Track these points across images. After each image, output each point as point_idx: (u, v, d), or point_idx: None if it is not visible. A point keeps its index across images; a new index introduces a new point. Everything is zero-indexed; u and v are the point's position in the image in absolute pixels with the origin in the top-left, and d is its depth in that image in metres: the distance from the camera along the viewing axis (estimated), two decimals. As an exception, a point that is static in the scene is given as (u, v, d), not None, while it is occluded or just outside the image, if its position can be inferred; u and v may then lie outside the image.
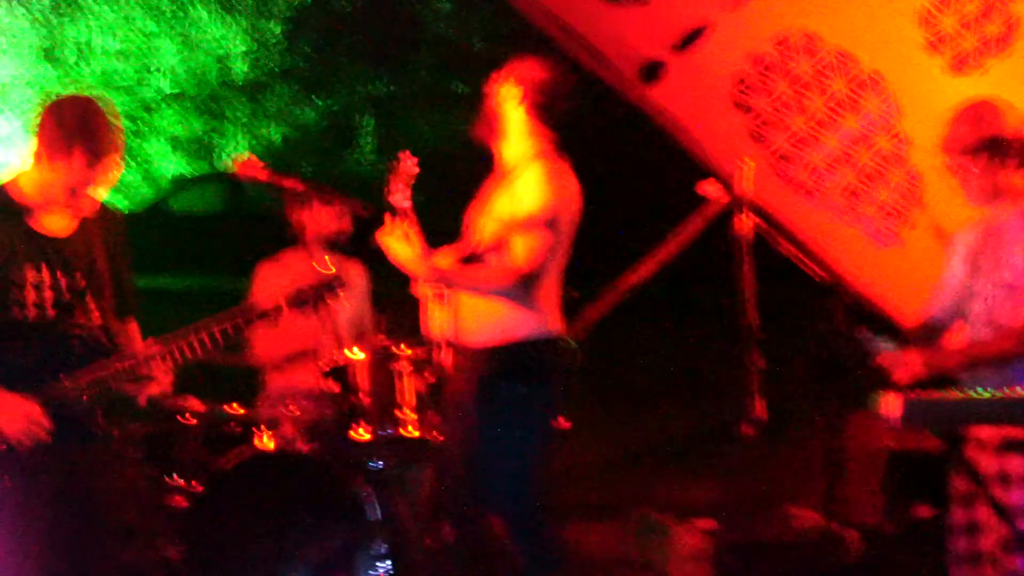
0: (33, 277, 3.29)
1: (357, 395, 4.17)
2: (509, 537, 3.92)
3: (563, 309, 3.95)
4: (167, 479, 4.24)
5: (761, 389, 4.02)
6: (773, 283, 4.22)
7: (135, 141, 10.35)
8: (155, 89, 10.12)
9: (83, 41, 9.56)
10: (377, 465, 4.29)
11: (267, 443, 4.29)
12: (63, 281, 3.32)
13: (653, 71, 4.69)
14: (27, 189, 3.35)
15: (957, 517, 3.48)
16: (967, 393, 3.19)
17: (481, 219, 3.95)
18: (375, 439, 4.17)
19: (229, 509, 4.18)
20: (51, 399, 3.24)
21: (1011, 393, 3.14)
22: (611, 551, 5.37)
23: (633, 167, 9.87)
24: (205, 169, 10.78)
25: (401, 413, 4.19)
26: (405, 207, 3.80)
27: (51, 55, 9.34)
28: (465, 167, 4.10)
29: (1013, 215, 3.48)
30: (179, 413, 4.31)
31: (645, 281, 4.63)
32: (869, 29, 4.55)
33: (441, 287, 3.91)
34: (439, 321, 3.97)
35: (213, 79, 10.24)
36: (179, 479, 4.23)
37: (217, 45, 10.02)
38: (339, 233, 4.82)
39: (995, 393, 3.15)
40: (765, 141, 4.71)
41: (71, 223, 3.39)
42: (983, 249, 3.53)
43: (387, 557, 4.17)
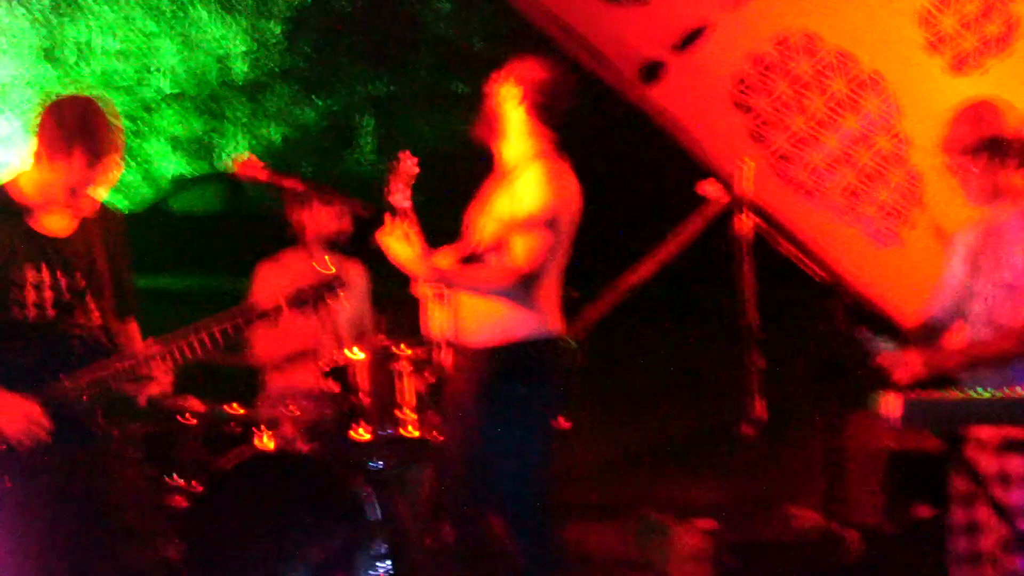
0: (33, 277, 3.29)
1: (357, 395, 4.17)
2: (509, 537, 3.92)
3: (563, 309, 3.95)
4: (167, 479, 4.23)
5: (761, 389, 4.02)
6: (773, 283, 4.22)
7: (135, 141, 10.36)
8: (155, 89, 10.12)
9: (83, 41, 9.57)
10: (377, 465, 4.29)
11: (267, 443, 4.28)
12: (63, 281, 3.32)
13: (653, 71, 4.69)
14: (27, 189, 3.36)
15: (957, 517, 3.47)
16: (967, 393, 3.19)
17: (481, 219, 3.95)
18: (375, 439, 4.17)
19: (229, 509, 4.18)
20: (51, 399, 3.24)
21: (1011, 393, 3.14)
22: (611, 551, 5.37)
23: (633, 167, 9.87)
24: (205, 169, 10.78)
25: (401, 413, 4.19)
26: (405, 207, 3.80)
27: (51, 55, 9.34)
28: (465, 167, 4.10)
29: (1013, 215, 3.48)
30: (179, 413, 4.30)
31: (645, 281, 4.63)
32: (869, 29, 4.55)
33: (441, 287, 3.91)
34: (439, 321, 3.97)
35: (213, 79, 10.25)
36: (179, 479, 4.23)
37: (217, 45, 10.02)
38: (339, 233, 4.82)
39: (995, 393, 3.15)
40: (765, 141, 4.71)
41: (71, 223, 3.39)
42: (983, 249, 3.53)
43: (387, 557, 4.17)
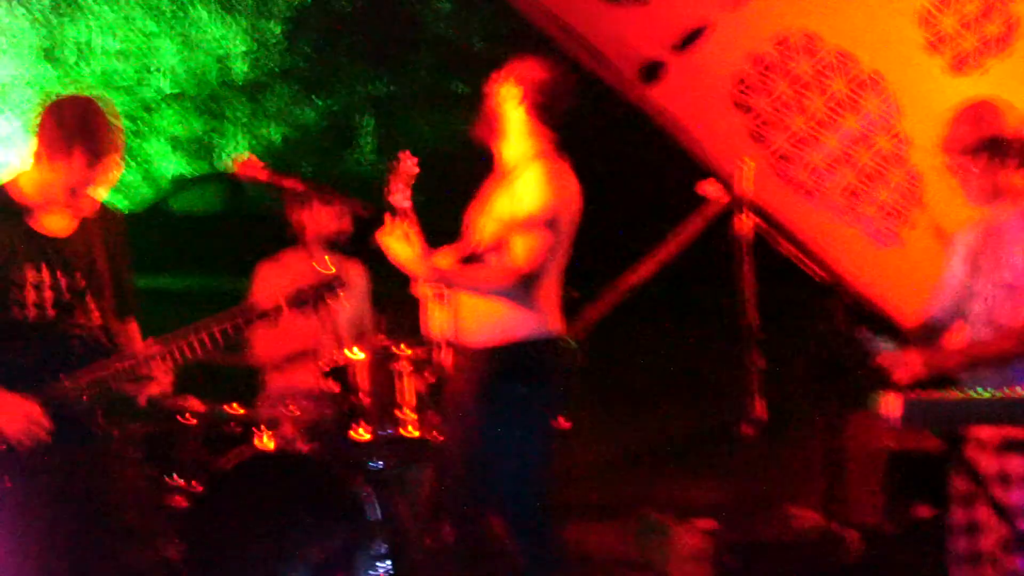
0: (33, 277, 3.29)
1: (357, 395, 4.16)
2: (509, 537, 3.92)
3: (563, 309, 3.95)
4: (167, 479, 4.23)
5: (761, 389, 4.02)
6: (773, 283, 4.22)
7: (135, 141, 10.35)
8: (155, 89, 10.12)
9: (83, 41, 9.57)
10: (377, 465, 4.29)
11: (267, 443, 4.28)
12: (63, 281, 3.32)
13: (653, 71, 4.69)
14: (27, 189, 3.35)
15: (957, 517, 3.47)
16: (967, 393, 3.19)
17: (481, 219, 3.95)
18: (375, 439, 4.17)
19: (229, 509, 4.17)
20: (51, 399, 3.23)
21: (1011, 393, 3.14)
22: (611, 551, 5.37)
23: (633, 167, 9.87)
24: (205, 169, 10.78)
25: (401, 413, 4.19)
26: (405, 207, 3.80)
27: (51, 55, 9.34)
28: (465, 167, 4.10)
29: (1013, 215, 3.48)
30: (179, 413, 4.30)
31: (645, 281, 4.63)
32: (869, 29, 4.55)
33: (441, 287, 3.91)
34: (439, 321, 3.97)
35: (213, 79, 10.25)
36: (179, 479, 4.23)
37: (217, 45, 10.02)
38: (339, 233, 4.82)
39: (995, 393, 3.15)
40: (765, 141, 4.71)
41: (71, 223, 3.39)
42: (983, 249, 3.53)
43: (387, 557, 4.17)
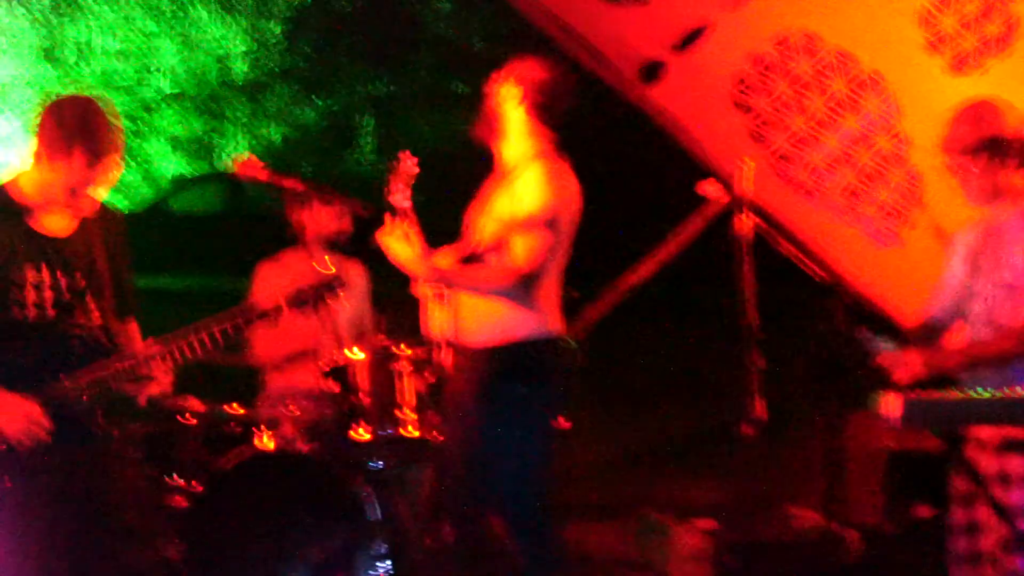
0: (33, 277, 3.28)
1: (357, 395, 4.16)
2: (509, 537, 3.92)
3: (563, 309, 3.95)
4: (167, 479, 4.23)
5: (761, 389, 4.01)
6: (773, 283, 4.22)
7: (135, 141, 10.34)
8: (155, 89, 10.11)
9: (83, 41, 9.56)
10: (377, 465, 4.29)
11: (267, 443, 4.28)
12: (63, 281, 3.32)
13: (653, 71, 4.69)
14: (27, 189, 3.35)
15: (957, 517, 3.47)
16: (967, 393, 3.19)
17: (481, 219, 3.95)
18: (375, 439, 4.16)
19: (229, 509, 4.17)
20: (51, 399, 3.23)
21: (1011, 393, 3.14)
22: (611, 551, 5.37)
23: (633, 167, 9.87)
24: (205, 169, 10.78)
25: (401, 413, 4.19)
26: (405, 207, 3.79)
27: (51, 55, 9.33)
28: (465, 167, 4.09)
29: (1013, 215, 3.48)
30: (179, 413, 4.30)
31: (645, 281, 4.63)
32: (869, 29, 4.55)
33: (441, 287, 3.90)
34: (439, 321, 3.97)
35: (213, 79, 10.24)
36: (179, 479, 4.22)
37: (217, 45, 10.01)
38: (339, 233, 4.82)
39: (995, 393, 3.14)
40: (765, 141, 4.71)
41: (71, 223, 3.39)
42: (983, 249, 3.53)
43: (387, 557, 4.16)
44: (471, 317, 3.88)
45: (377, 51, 10.90)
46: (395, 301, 4.53)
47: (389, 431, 4.21)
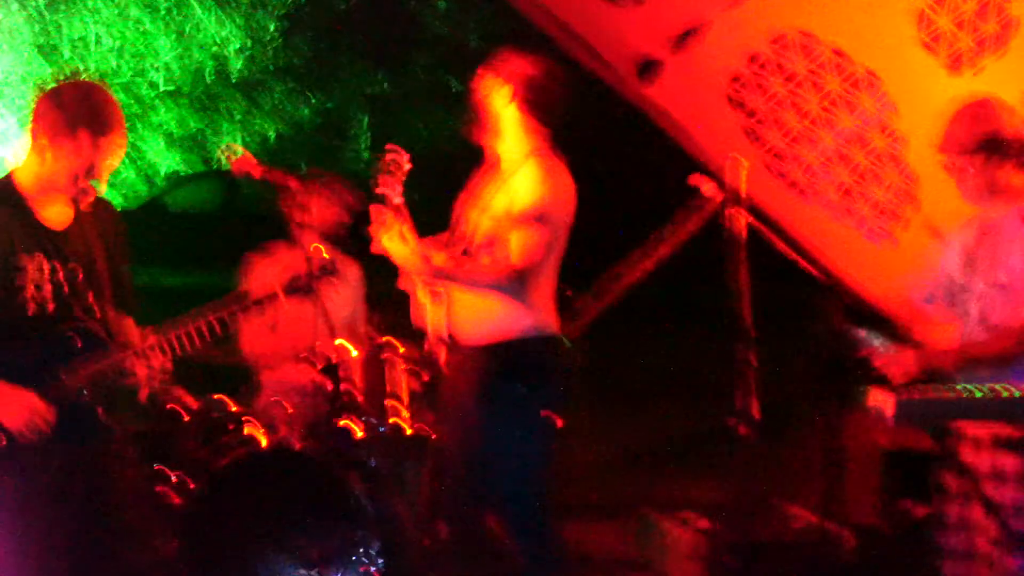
0: (32, 271, 3.27)
1: (352, 392, 4.16)
2: (507, 536, 3.91)
3: (559, 307, 3.94)
4: (164, 477, 4.22)
5: (758, 389, 4.01)
6: (768, 281, 4.21)
7: (131, 138, 10.31)
8: (151, 86, 10.09)
9: (78, 38, 9.54)
10: (373, 463, 4.28)
11: (263, 441, 4.27)
12: (62, 274, 3.31)
13: (649, 69, 4.69)
14: (25, 182, 3.34)
15: (951, 515, 3.47)
16: (960, 391, 3.19)
17: (473, 213, 3.92)
18: (370, 437, 4.16)
19: (225, 507, 4.16)
20: (51, 394, 3.22)
21: (1004, 390, 3.14)
22: (610, 550, 5.37)
23: (629, 165, 9.87)
24: (200, 166, 10.76)
25: (396, 411, 4.19)
26: (398, 204, 3.78)
27: (46, 51, 9.31)
28: (462, 165, 4.08)
29: (1009, 214, 3.48)
30: (176, 411, 4.30)
31: (641, 280, 4.63)
32: (865, 28, 4.55)
33: (436, 284, 3.89)
34: (435, 318, 3.96)
35: (209, 76, 10.23)
36: (176, 477, 4.22)
37: (213, 42, 10.00)
38: (336, 225, 4.81)
39: (988, 391, 3.15)
40: (760, 139, 4.71)
41: (70, 216, 3.38)
42: (978, 248, 3.53)
43: (383, 556, 4.16)
44: (466, 314, 3.87)
45: (374, 49, 10.88)
46: (391, 299, 4.52)
47: (384, 429, 4.21)
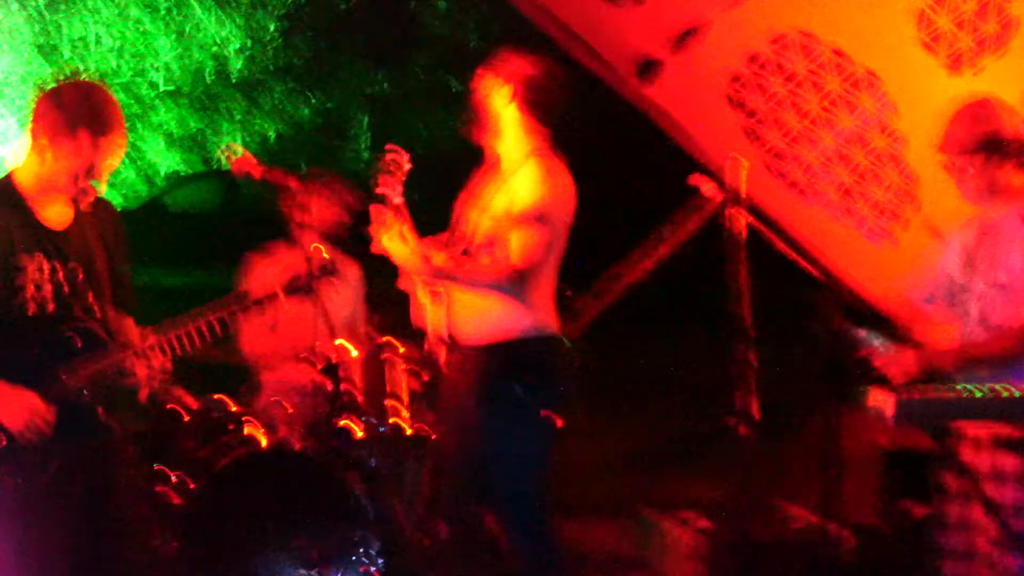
0: (32, 271, 3.27)
1: (352, 392, 4.16)
2: (508, 536, 3.91)
3: (559, 307, 3.94)
4: (164, 477, 4.23)
5: (758, 389, 4.01)
6: (768, 281, 4.21)
7: (130, 138, 10.30)
8: (151, 86, 10.09)
9: (78, 38, 9.54)
10: (373, 463, 4.28)
11: (263, 441, 4.28)
12: (62, 274, 3.31)
13: (649, 69, 4.69)
14: (25, 182, 3.34)
15: (951, 515, 3.48)
16: (960, 391, 3.19)
17: (473, 213, 3.92)
18: (370, 437, 4.16)
19: (225, 507, 4.17)
20: (51, 394, 3.22)
21: (1004, 390, 3.14)
22: (610, 550, 5.37)
23: (629, 165, 9.87)
24: (200, 166, 10.76)
25: (396, 411, 4.19)
26: (398, 204, 3.78)
27: (46, 51, 9.31)
28: (462, 165, 4.08)
29: (1009, 214, 3.48)
30: (176, 411, 4.30)
31: (641, 280, 4.63)
32: (865, 28, 4.55)
33: (436, 284, 3.89)
34: (435, 318, 3.95)
35: (209, 76, 10.23)
36: (176, 477, 4.22)
37: (213, 42, 10.00)
38: (336, 225, 4.81)
39: (988, 391, 3.15)
40: (760, 139, 4.71)
41: (70, 216, 3.38)
42: (978, 248, 3.53)
43: (383, 556, 4.16)
44: (466, 314, 3.87)
45: (374, 49, 10.88)
46: (391, 300, 4.52)
47: (383, 429, 4.21)
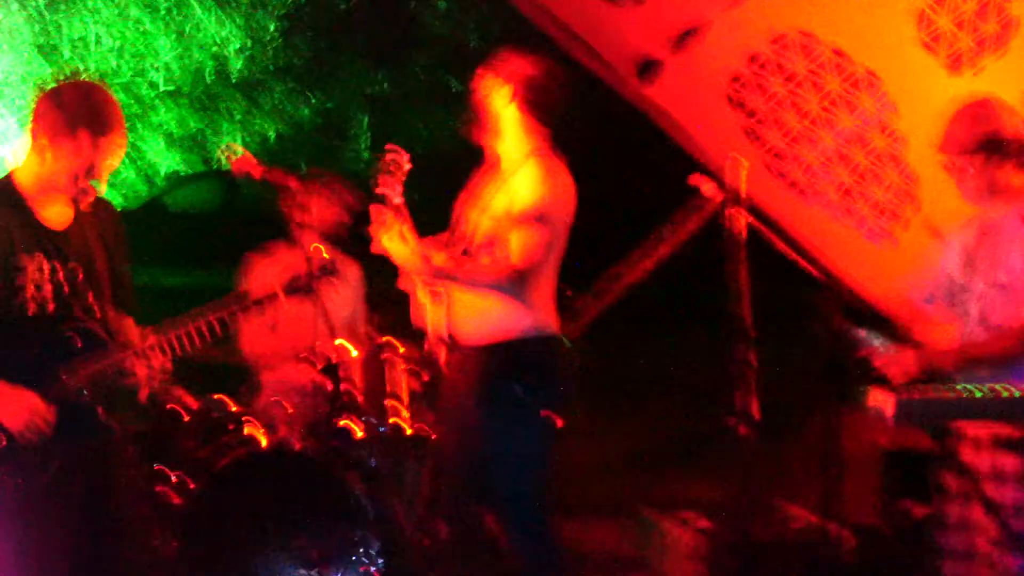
0: (32, 271, 3.27)
1: (352, 392, 4.16)
2: (508, 536, 3.91)
3: (559, 307, 3.94)
4: (164, 477, 4.23)
5: (758, 389, 4.01)
6: (768, 281, 4.21)
7: (130, 138, 10.30)
8: (151, 86, 10.09)
9: (78, 38, 9.54)
10: (373, 463, 4.28)
11: (263, 441, 4.28)
12: (62, 274, 3.31)
13: (649, 69, 4.69)
14: (25, 182, 3.34)
15: (951, 515, 3.47)
16: (960, 391, 3.19)
17: (473, 213, 3.92)
18: (370, 437, 4.16)
19: (225, 507, 4.17)
20: (51, 394, 3.22)
21: (1004, 390, 3.14)
22: (610, 550, 5.37)
23: (629, 165, 9.88)
24: (200, 166, 10.77)
25: (396, 411, 4.19)
26: (398, 204, 3.78)
27: (46, 51, 9.31)
28: (462, 165, 4.08)
29: (1009, 214, 3.48)
30: (176, 411, 4.30)
31: (641, 280, 4.63)
32: (865, 28, 4.55)
33: (436, 284, 3.89)
34: (435, 318, 3.95)
35: (209, 76, 10.23)
36: (176, 477, 4.22)
37: (213, 42, 10.00)
38: (336, 225, 4.81)
39: (988, 391, 3.15)
40: (760, 139, 4.71)
41: (70, 216, 3.38)
42: (978, 248, 3.53)
43: (383, 556, 4.16)
44: (466, 314, 3.87)
45: (374, 49, 10.88)
46: (391, 300, 4.52)
47: (383, 429, 4.21)
